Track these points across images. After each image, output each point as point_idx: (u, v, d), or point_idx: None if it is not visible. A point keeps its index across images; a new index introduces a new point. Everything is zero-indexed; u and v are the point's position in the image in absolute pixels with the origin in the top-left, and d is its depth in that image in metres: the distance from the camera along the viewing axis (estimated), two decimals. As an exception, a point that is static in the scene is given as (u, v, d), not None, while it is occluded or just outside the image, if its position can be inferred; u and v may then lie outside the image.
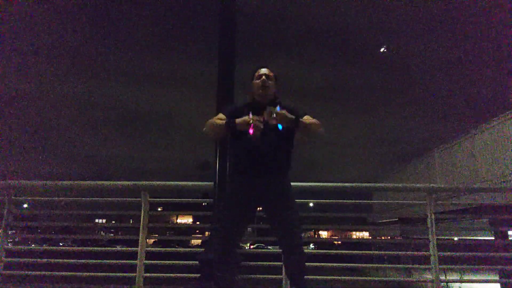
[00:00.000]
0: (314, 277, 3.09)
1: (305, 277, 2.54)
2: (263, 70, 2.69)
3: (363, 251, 8.90)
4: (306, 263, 2.52)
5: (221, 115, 2.60)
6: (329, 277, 3.55)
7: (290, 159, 2.63)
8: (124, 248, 3.91)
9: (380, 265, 11.08)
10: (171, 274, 3.45)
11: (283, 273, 3.23)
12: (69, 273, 3.53)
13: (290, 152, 2.63)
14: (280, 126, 2.41)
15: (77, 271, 3.56)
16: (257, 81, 2.66)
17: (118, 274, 3.46)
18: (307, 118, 2.54)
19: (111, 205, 3.88)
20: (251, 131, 2.37)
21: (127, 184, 3.56)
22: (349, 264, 4.03)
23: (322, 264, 3.50)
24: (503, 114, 9.13)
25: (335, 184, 3.54)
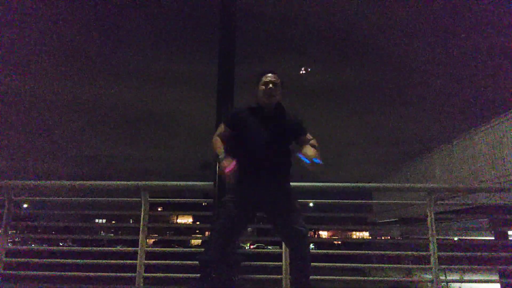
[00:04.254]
0: (314, 277, 3.08)
1: (310, 277, 2.55)
2: (270, 77, 2.62)
3: (363, 251, 8.90)
4: (310, 264, 2.53)
5: (222, 128, 2.65)
6: (329, 277, 3.55)
7: (290, 162, 2.63)
8: (124, 248, 3.91)
9: (380, 265, 11.08)
10: (171, 274, 3.45)
11: (283, 273, 3.23)
12: (69, 273, 3.53)
13: (290, 155, 2.64)
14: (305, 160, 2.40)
15: (77, 271, 3.56)
16: (263, 87, 2.61)
17: (118, 274, 3.46)
18: (313, 144, 2.59)
19: (111, 205, 3.88)
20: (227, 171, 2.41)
21: (127, 184, 3.56)
22: (349, 264, 4.03)
23: (322, 264, 3.50)
24: (503, 114, 9.14)
25: (335, 184, 3.54)
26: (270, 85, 2.59)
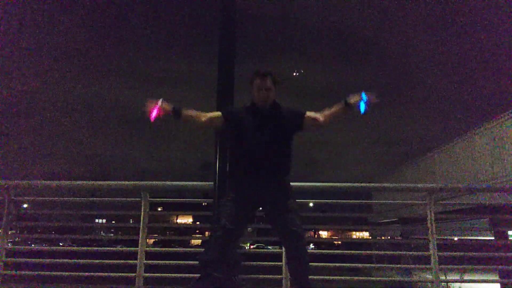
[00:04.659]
0: (314, 277, 3.08)
1: (309, 277, 2.55)
2: (263, 83, 2.61)
3: (363, 251, 8.90)
4: (309, 263, 2.53)
5: (217, 114, 2.68)
6: (329, 277, 3.55)
7: (289, 162, 2.63)
8: (124, 248, 3.91)
9: (380, 265, 11.08)
10: (171, 274, 3.45)
11: (283, 273, 3.23)
12: (69, 273, 3.53)
13: (289, 154, 2.64)
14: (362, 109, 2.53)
15: (77, 271, 3.56)
16: (257, 91, 2.61)
17: (118, 274, 3.46)
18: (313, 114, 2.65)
19: (111, 205, 3.89)
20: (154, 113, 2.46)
21: (127, 184, 3.56)
22: (349, 264, 4.03)
23: (322, 264, 3.50)
24: (503, 114, 9.14)
25: (335, 184, 3.54)
26: (263, 90, 2.60)
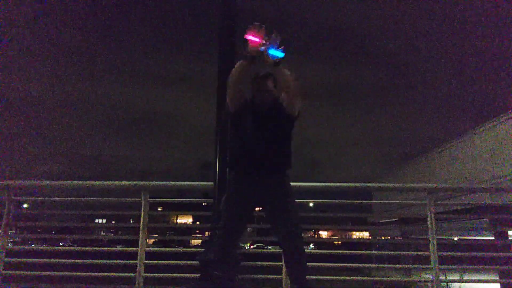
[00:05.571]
0: (314, 277, 3.09)
1: (307, 277, 2.55)
2: (264, 83, 2.60)
3: (363, 251, 8.90)
4: (307, 263, 2.53)
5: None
6: (329, 277, 3.55)
7: (289, 161, 2.63)
8: (124, 248, 3.91)
9: (380, 265, 11.06)
10: (171, 274, 3.46)
11: (283, 273, 3.23)
12: (69, 273, 3.53)
13: (289, 154, 2.63)
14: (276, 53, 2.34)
15: (77, 271, 3.56)
16: (257, 92, 2.62)
17: (118, 274, 3.46)
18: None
19: (111, 205, 3.88)
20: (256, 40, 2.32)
21: (127, 184, 3.56)
22: (349, 264, 4.03)
23: (322, 264, 3.50)
24: (503, 114, 9.13)
25: (335, 184, 3.54)
26: (264, 92, 2.60)
